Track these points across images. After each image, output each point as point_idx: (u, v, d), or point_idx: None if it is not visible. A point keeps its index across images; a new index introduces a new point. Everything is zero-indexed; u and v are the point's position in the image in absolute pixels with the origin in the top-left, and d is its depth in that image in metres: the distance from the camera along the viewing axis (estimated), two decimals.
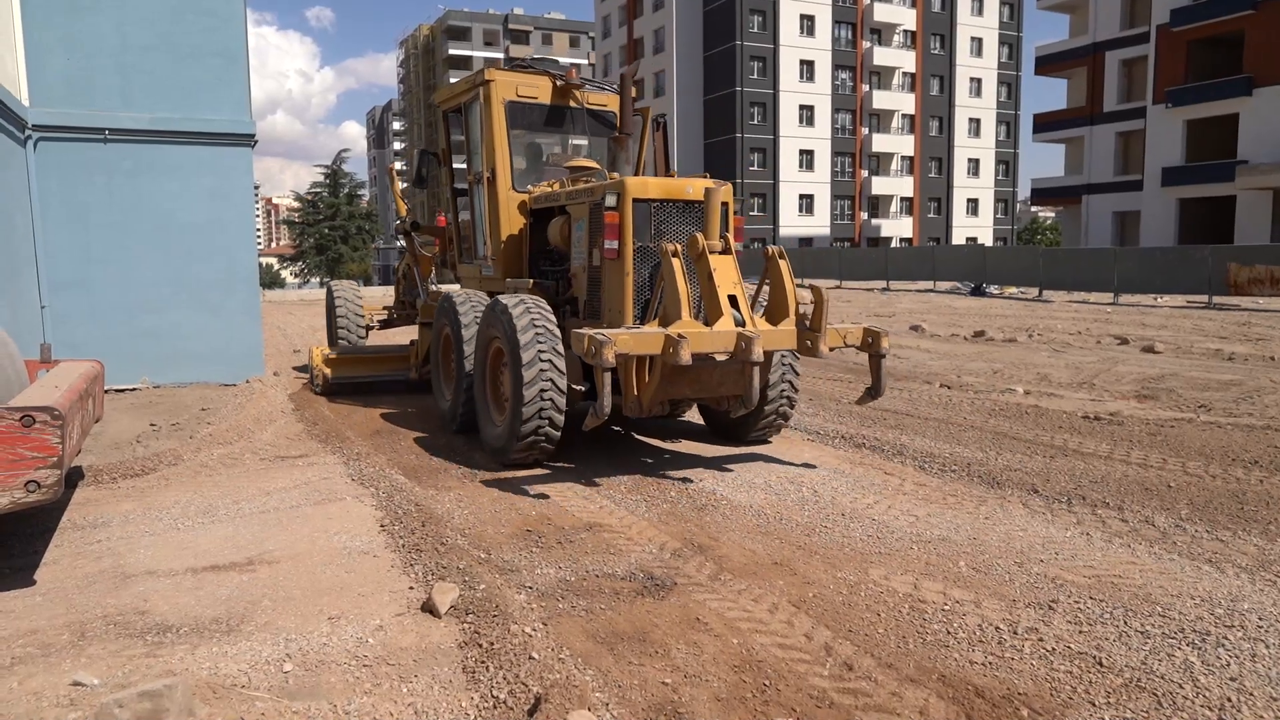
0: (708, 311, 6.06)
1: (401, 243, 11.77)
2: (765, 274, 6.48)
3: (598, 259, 6.83)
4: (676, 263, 5.96)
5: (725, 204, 6.39)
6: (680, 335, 5.56)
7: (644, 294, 6.54)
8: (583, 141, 8.67)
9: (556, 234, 7.56)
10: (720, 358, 5.89)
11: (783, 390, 7.08)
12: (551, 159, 8.71)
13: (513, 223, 7.97)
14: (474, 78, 8.19)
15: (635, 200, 6.46)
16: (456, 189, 9.23)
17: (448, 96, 8.90)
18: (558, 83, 8.11)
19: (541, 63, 8.47)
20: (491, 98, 7.81)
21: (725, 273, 6.11)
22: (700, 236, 6.11)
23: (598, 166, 7.90)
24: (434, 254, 10.59)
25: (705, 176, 6.75)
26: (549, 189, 7.90)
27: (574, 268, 7.35)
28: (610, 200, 6.50)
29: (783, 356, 7.00)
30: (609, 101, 8.39)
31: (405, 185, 12.57)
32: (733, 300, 6.07)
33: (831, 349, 6.21)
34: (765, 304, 6.50)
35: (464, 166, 8.78)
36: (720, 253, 6.15)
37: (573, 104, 8.22)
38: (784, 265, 6.34)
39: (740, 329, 5.87)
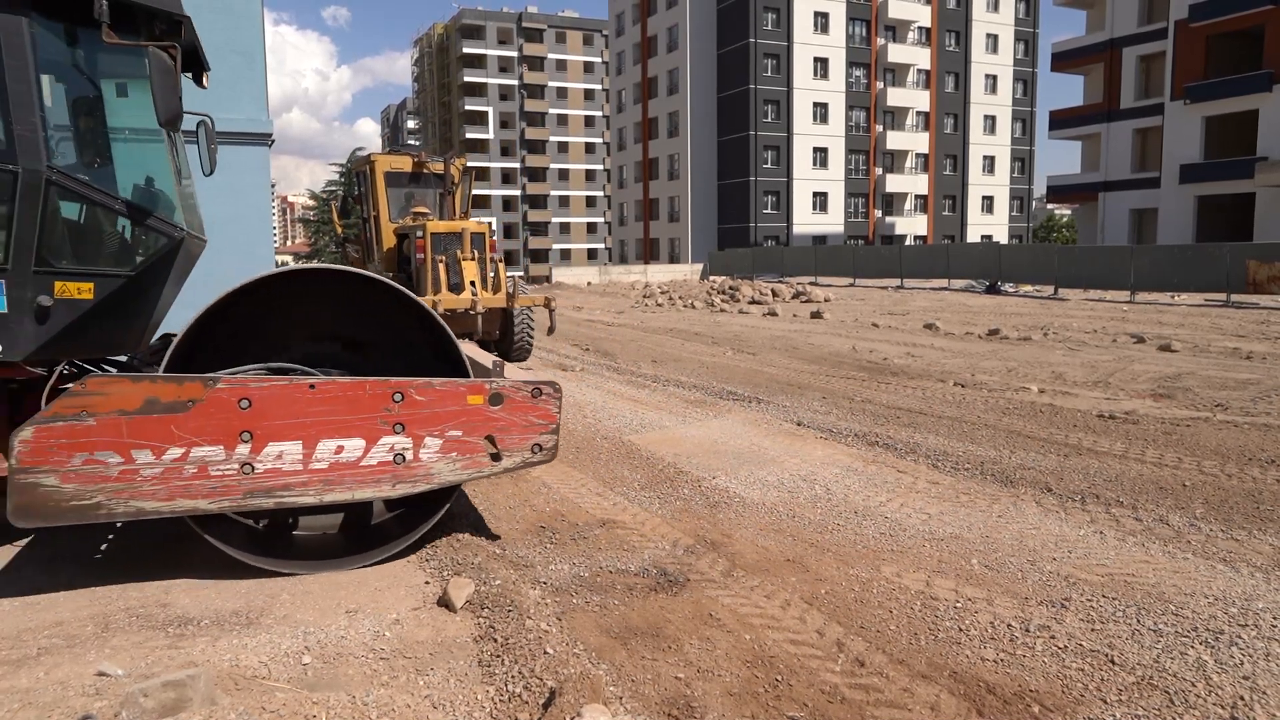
0: (460, 289, 11.33)
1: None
2: (496, 273, 11.78)
3: (418, 263, 11.88)
4: (442, 265, 11.41)
5: (481, 234, 11.77)
6: (438, 300, 10.73)
7: (438, 281, 11.45)
8: (431, 192, 13.77)
9: (407, 249, 12.79)
10: (473, 312, 10.85)
11: (524, 331, 12.10)
12: (414, 202, 13.59)
13: (389, 241, 13.34)
14: (366, 158, 13.82)
15: (433, 233, 11.62)
16: (364, 219, 14.39)
17: (355, 165, 14.81)
18: (415, 159, 13.43)
19: (407, 147, 15.81)
20: (376, 170, 13.20)
21: (470, 269, 11.45)
22: (459, 252, 11.50)
23: (429, 211, 13.07)
24: (359, 258, 15.57)
25: (479, 221, 12.58)
26: (404, 223, 13.00)
27: (413, 267, 12.27)
28: (420, 233, 11.77)
29: (525, 312, 12.01)
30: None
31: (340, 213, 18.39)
32: (474, 284, 11.33)
33: (526, 306, 11.79)
34: (492, 285, 11.78)
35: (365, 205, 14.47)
36: (469, 259, 11.45)
37: (425, 171, 13.48)
38: (501, 267, 11.99)
39: (473, 297, 10.99)
